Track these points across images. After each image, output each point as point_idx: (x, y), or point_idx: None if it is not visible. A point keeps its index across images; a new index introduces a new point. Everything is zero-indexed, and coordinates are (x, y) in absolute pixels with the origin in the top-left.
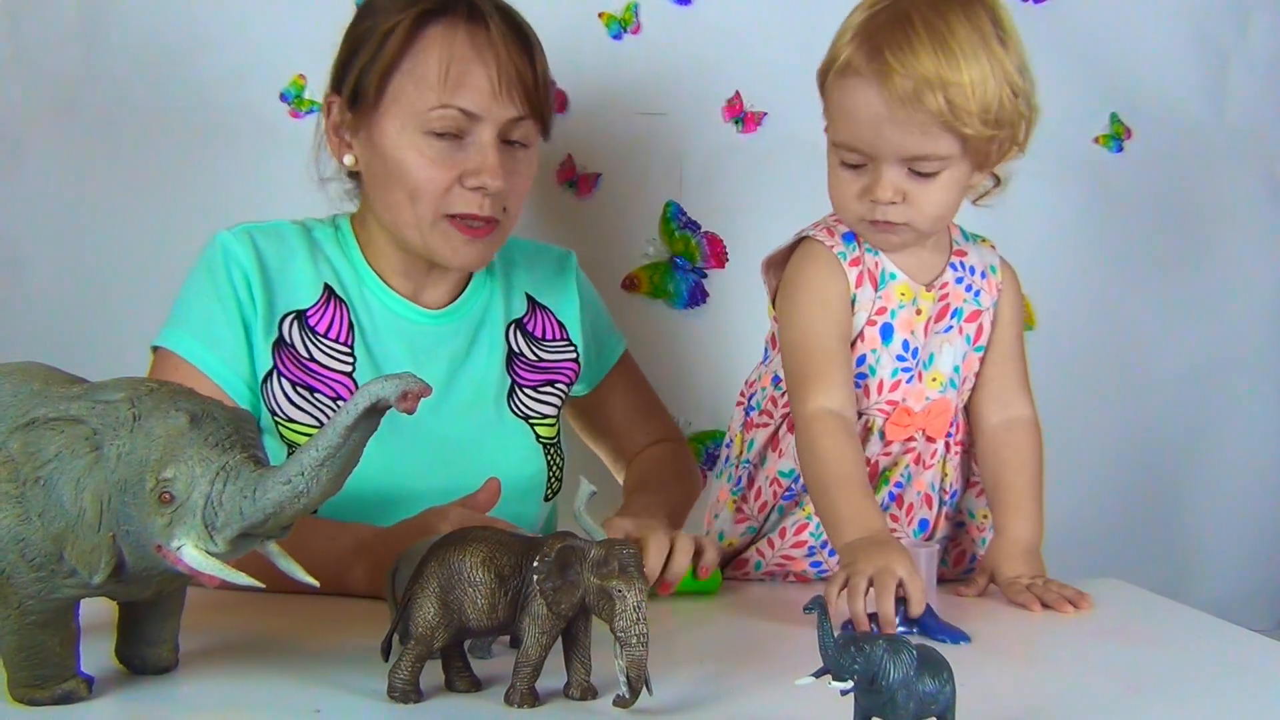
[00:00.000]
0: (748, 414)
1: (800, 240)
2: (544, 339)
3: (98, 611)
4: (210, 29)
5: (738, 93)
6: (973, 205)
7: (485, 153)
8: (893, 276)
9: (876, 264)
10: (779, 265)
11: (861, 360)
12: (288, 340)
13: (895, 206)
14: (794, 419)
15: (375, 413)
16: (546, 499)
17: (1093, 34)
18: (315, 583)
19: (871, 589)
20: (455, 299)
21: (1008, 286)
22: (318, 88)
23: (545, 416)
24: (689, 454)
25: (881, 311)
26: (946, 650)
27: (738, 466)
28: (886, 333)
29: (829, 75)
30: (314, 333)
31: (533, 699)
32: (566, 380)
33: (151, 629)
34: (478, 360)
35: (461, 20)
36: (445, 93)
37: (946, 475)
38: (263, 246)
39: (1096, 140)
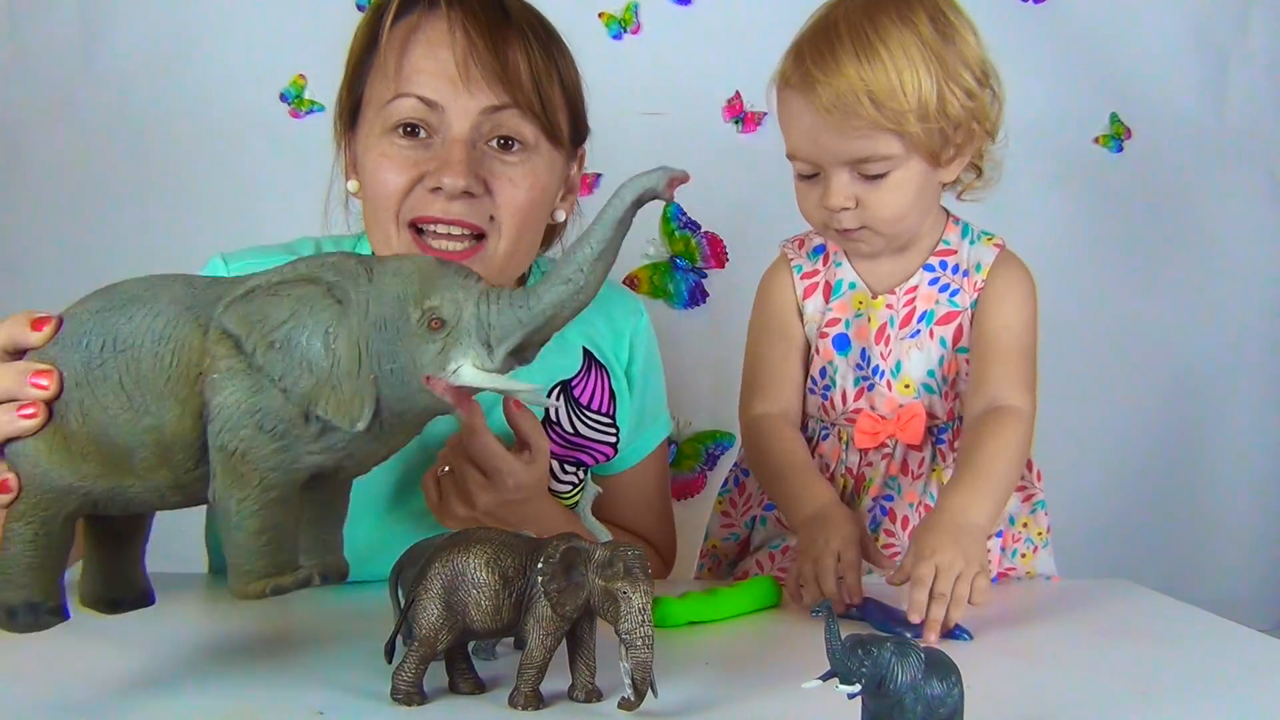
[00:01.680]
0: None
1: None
2: (589, 408)
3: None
4: (210, 29)
5: (738, 93)
6: (958, 200)
7: (449, 148)
8: (852, 286)
9: (835, 275)
10: None
11: (824, 373)
12: None
13: (849, 212)
14: (740, 427)
15: (639, 204)
16: None
17: (1093, 34)
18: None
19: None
20: None
21: (998, 283)
22: (318, 88)
23: (561, 494)
24: (665, 564)
25: (833, 323)
26: (950, 649)
27: (733, 469)
28: (841, 344)
29: (774, 93)
30: None
31: (537, 701)
32: (595, 461)
33: (330, 534)
34: (498, 417)
35: (423, 6)
36: (401, 80)
37: (942, 484)
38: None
39: (1096, 140)
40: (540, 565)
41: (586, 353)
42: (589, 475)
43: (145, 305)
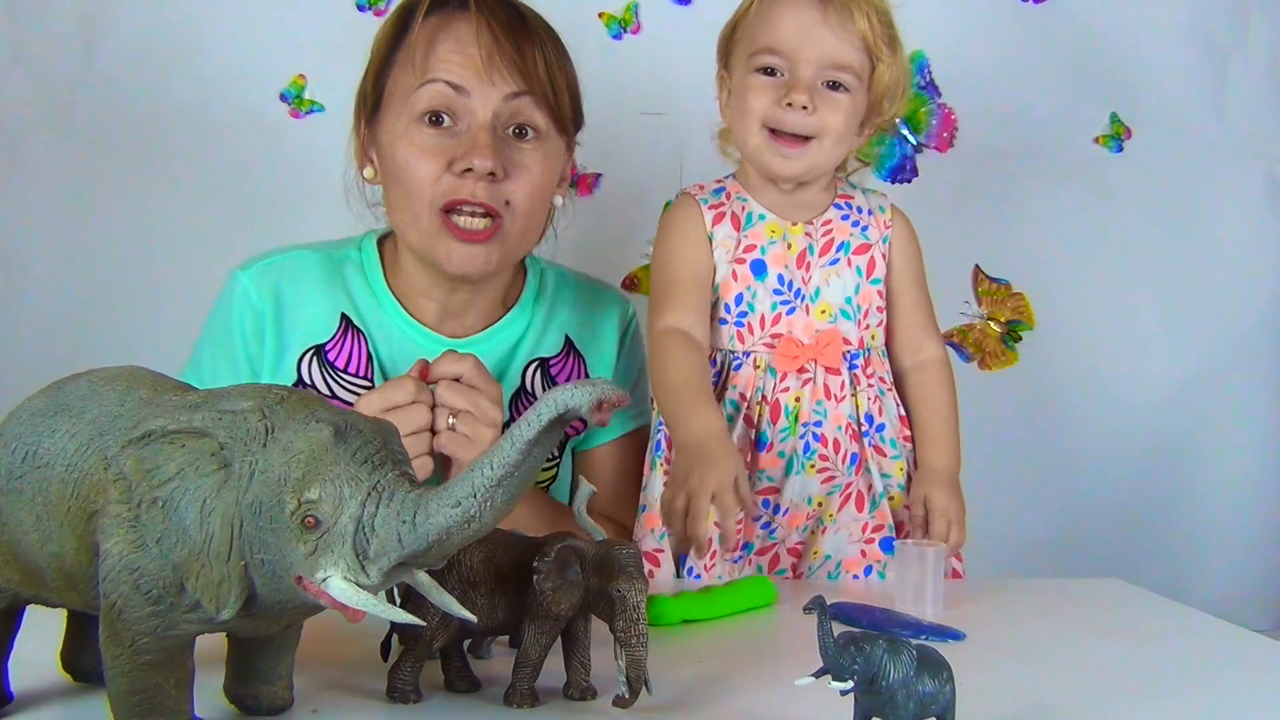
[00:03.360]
0: None
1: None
2: None
3: (202, 643)
4: (210, 29)
5: None
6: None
7: (475, 133)
8: (761, 218)
9: (743, 208)
10: None
11: (739, 299)
12: (308, 380)
13: (805, 116)
14: (647, 339)
15: (561, 424)
16: None
17: (1093, 34)
18: (471, 617)
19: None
20: (488, 326)
21: (899, 229)
22: (318, 88)
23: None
24: None
25: (750, 249)
26: (945, 649)
27: (660, 427)
28: (758, 269)
29: (750, 9)
30: (333, 368)
31: (532, 699)
32: (570, 433)
33: (266, 665)
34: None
35: (452, 8)
36: (430, 68)
37: (860, 407)
38: (278, 282)
39: (1096, 140)
40: (536, 564)
41: (568, 340)
42: (582, 479)
43: (71, 419)
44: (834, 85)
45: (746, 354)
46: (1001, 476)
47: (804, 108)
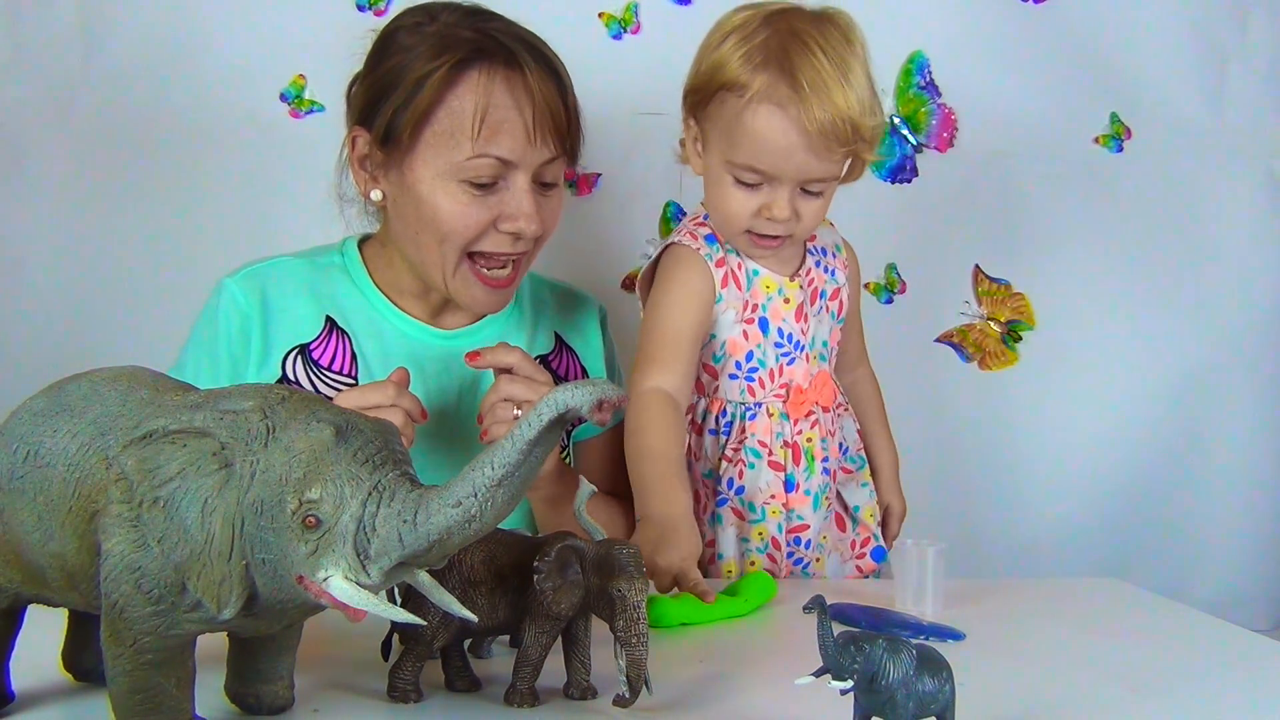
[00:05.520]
0: None
1: (668, 246)
2: (566, 378)
3: (203, 642)
4: (210, 29)
5: None
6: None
7: (521, 199)
8: (755, 273)
9: (740, 264)
10: (649, 280)
11: (750, 356)
12: (292, 378)
13: (785, 223)
14: (629, 397)
15: (561, 424)
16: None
17: (1093, 34)
18: (472, 616)
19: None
20: (473, 322)
21: (851, 261)
22: (318, 88)
23: None
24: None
25: (755, 309)
26: (945, 649)
27: None
28: (764, 326)
29: (726, 97)
30: (317, 366)
31: (533, 698)
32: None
33: (267, 664)
34: (488, 386)
35: (500, 67)
36: (481, 142)
37: (847, 439)
38: (265, 287)
39: (1096, 140)
40: (536, 563)
41: (558, 336)
42: (582, 478)
43: (73, 419)
44: (811, 191)
45: (759, 404)
46: (1002, 476)
47: (785, 219)
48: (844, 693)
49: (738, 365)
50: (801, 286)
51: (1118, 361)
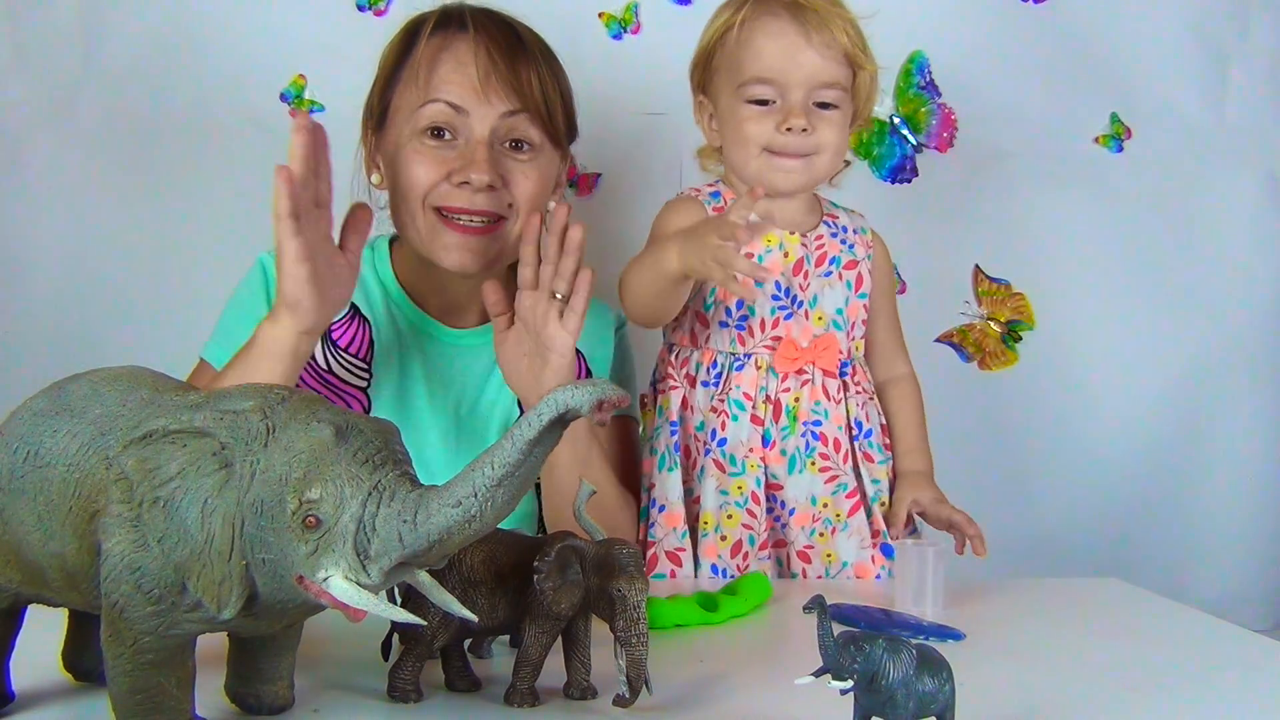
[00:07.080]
0: (653, 387)
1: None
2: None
3: (203, 642)
4: (210, 29)
5: None
6: (830, 186)
7: (473, 148)
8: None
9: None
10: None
11: (740, 304)
12: None
13: (804, 137)
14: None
15: (562, 424)
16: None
17: (1093, 34)
18: (472, 616)
19: None
20: (487, 321)
21: (879, 250)
22: (318, 88)
23: None
24: (632, 518)
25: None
26: (945, 649)
27: (665, 429)
28: None
29: (723, 41)
30: (335, 345)
31: (533, 698)
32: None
33: (268, 664)
34: (494, 385)
35: (454, 29)
36: (431, 88)
37: (850, 413)
38: None
39: (1096, 140)
40: (536, 563)
41: None
42: (582, 478)
43: (74, 419)
44: (825, 105)
45: (748, 355)
46: (1001, 476)
47: (803, 130)
48: (844, 693)
49: (728, 313)
50: (806, 245)
51: (1118, 361)
